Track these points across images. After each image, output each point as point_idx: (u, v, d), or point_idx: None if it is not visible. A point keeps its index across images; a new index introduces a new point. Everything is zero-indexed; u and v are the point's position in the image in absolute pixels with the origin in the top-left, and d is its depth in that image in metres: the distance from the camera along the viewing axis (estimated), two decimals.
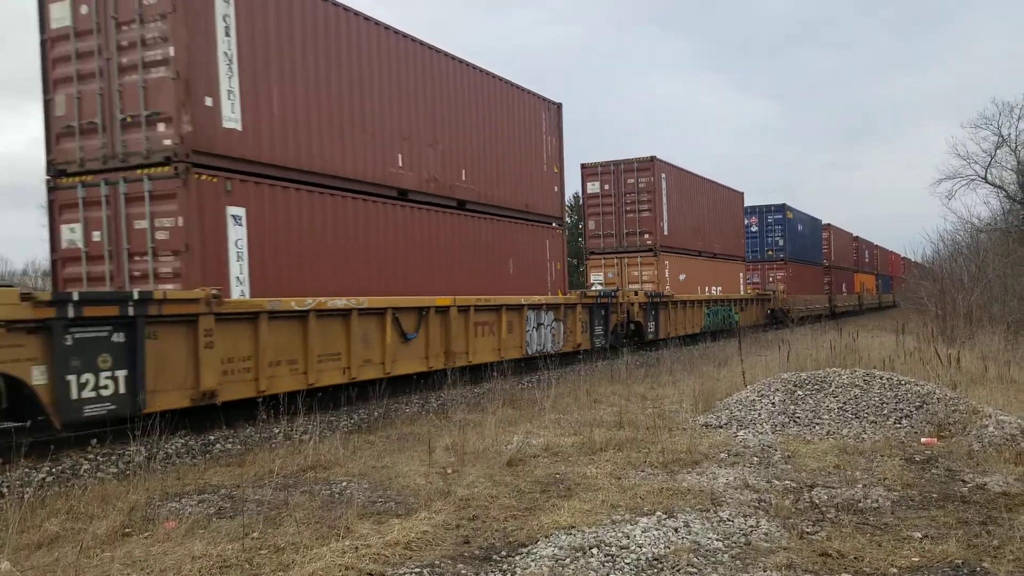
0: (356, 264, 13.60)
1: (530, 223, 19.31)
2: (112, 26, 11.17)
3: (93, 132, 11.38)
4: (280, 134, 12.23)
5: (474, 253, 16.96)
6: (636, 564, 5.29)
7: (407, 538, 5.88)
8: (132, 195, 11.08)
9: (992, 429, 9.09)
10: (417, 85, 15.28)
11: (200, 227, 10.93)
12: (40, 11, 11.63)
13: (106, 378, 8.93)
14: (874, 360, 15.20)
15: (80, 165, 11.49)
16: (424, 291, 14.87)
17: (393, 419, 12.00)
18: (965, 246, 37.83)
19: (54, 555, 5.68)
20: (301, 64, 12.60)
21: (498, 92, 18.03)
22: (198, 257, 10.89)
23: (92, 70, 11.37)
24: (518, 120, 18.80)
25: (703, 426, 10.40)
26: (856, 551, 5.49)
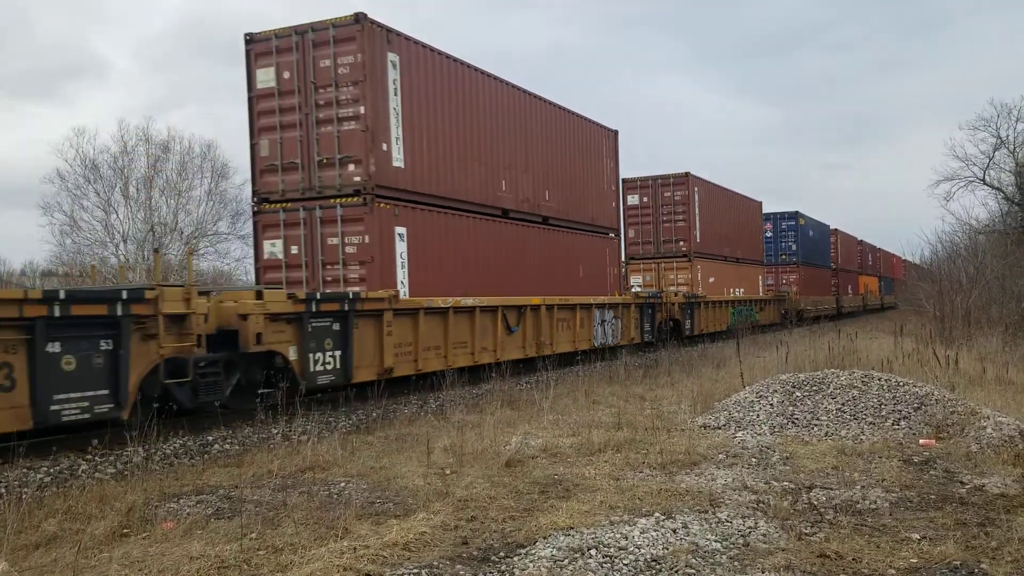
0: (473, 269, 16.75)
1: (594, 234, 22.50)
2: (311, 89, 14.38)
3: (293, 170, 14.62)
4: (427, 169, 15.44)
5: (554, 260, 20.11)
6: (634, 565, 5.29)
7: (405, 539, 5.87)
8: (326, 218, 14.36)
9: (990, 430, 9.10)
10: (514, 122, 18.57)
11: (379, 243, 14.12)
12: (248, 73, 14.89)
13: (329, 356, 12.31)
14: (872, 361, 15.21)
15: (281, 195, 14.76)
16: (518, 292, 17.89)
17: (391, 420, 12.00)
18: (963, 248, 37.86)
19: (52, 555, 5.67)
20: (438, 113, 15.84)
21: (570, 124, 21.21)
22: (377, 265, 14.09)
23: (293, 122, 14.55)
24: (585, 147, 22.01)
25: (701, 427, 10.40)
26: (854, 552, 5.49)
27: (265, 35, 14.67)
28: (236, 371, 11.23)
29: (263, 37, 14.69)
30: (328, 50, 14.14)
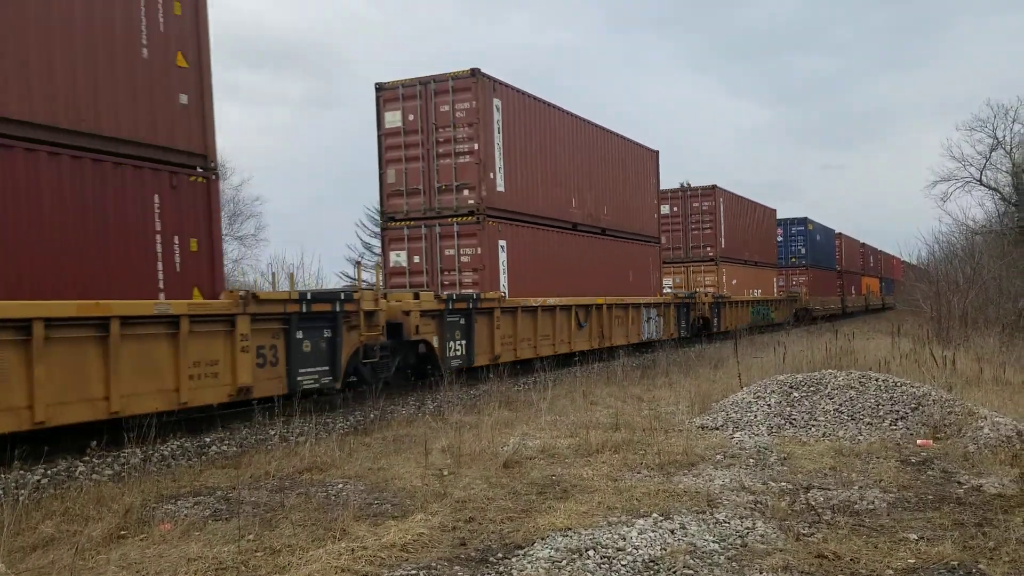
0: (551, 274, 20.20)
1: (641, 242, 25.88)
2: (432, 128, 17.97)
3: (416, 194, 18.26)
4: (519, 192, 19.04)
5: (610, 265, 23.59)
6: (632, 566, 5.29)
7: (403, 540, 5.87)
8: (444, 234, 17.99)
9: (988, 431, 9.11)
10: (580, 148, 22.10)
11: (488, 253, 17.77)
12: (377, 115, 18.42)
13: (458, 344, 15.74)
14: (870, 362, 15.22)
15: (405, 215, 18.37)
16: (582, 293, 21.10)
17: (389, 421, 12.00)
18: (960, 248, 37.92)
19: (49, 557, 5.66)
20: (526, 144, 19.31)
21: (621, 146, 24.72)
22: (487, 272, 17.73)
23: (416, 155, 18.13)
24: (632, 166, 25.46)
25: (699, 428, 10.41)
26: (852, 553, 5.50)
27: (392, 84, 18.26)
28: (398, 355, 14.38)
29: (391, 86, 18.27)
30: (447, 97, 17.75)
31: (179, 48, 11.10)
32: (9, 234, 9.06)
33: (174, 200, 10.79)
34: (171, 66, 11.01)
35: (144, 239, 10.43)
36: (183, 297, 10.55)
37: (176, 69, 11.09)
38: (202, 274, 11.16)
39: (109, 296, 9.65)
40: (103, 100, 10.07)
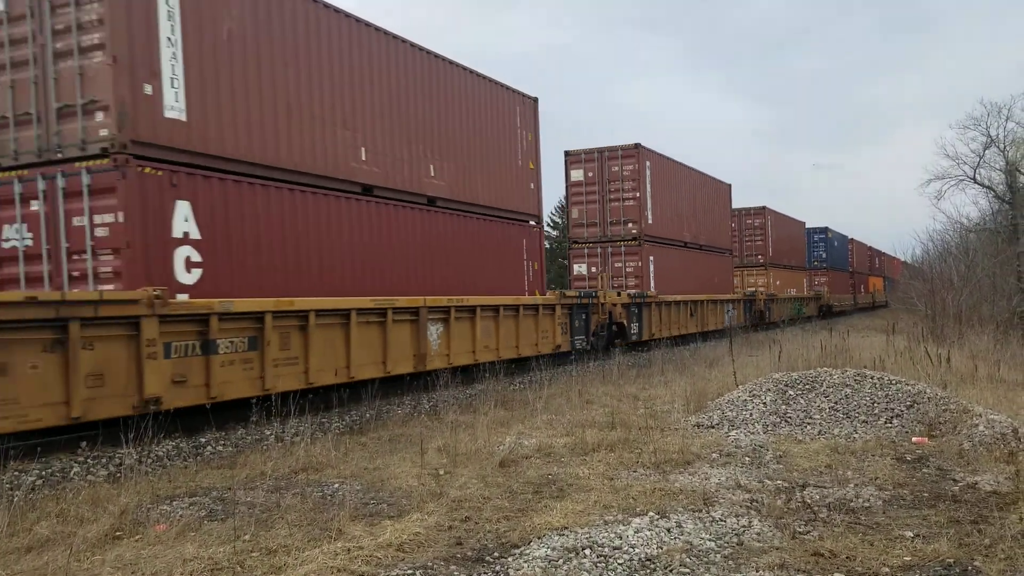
0: (677, 278, 28.79)
1: (720, 253, 33.88)
2: (606, 181, 26.29)
3: (593, 225, 26.52)
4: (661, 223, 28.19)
5: (705, 271, 31.75)
6: (629, 565, 5.29)
7: (399, 540, 5.86)
8: (614, 252, 26.47)
9: (983, 428, 9.13)
10: (689, 189, 31.43)
11: (643, 265, 26.40)
12: (565, 172, 26.68)
13: (635, 325, 23.59)
14: (865, 360, 15.25)
15: (585, 239, 26.70)
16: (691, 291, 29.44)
17: (385, 420, 11.98)
18: (954, 246, 38.01)
19: (44, 559, 5.64)
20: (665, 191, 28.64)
21: (708, 183, 33.02)
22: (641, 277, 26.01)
23: (594, 199, 26.41)
24: (714, 197, 33.01)
25: (695, 426, 10.41)
26: (848, 550, 5.50)
27: (576, 152, 26.60)
28: (608, 329, 21.89)
29: (575, 152, 26.61)
30: (617, 162, 26.14)
31: (529, 159, 20.46)
32: (462, 260, 17.20)
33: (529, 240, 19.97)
34: (526, 168, 20.26)
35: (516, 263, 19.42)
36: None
37: (528, 170, 20.34)
38: (538, 283, 20.24)
39: (500, 293, 17.81)
40: (503, 188, 19.00)
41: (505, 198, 19.04)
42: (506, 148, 19.25)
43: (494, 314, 16.27)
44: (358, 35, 14.49)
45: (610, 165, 26.16)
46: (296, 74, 13.04)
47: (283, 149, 12.73)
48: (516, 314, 17.02)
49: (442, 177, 16.69)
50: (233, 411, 11.70)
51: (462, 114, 17.54)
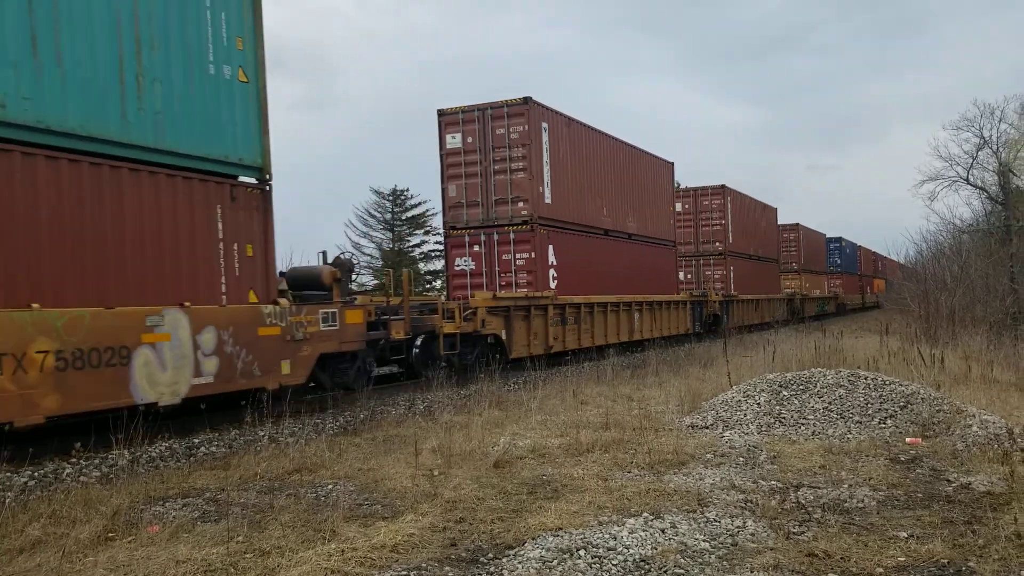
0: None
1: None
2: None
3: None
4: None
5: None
6: (623, 565, 5.28)
7: (393, 541, 5.85)
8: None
9: (976, 429, 9.14)
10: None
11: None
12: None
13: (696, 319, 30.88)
14: (858, 360, 15.28)
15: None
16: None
17: (379, 421, 11.96)
18: (948, 247, 38.09)
19: (36, 560, 5.62)
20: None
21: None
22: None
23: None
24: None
25: (689, 427, 10.41)
26: (842, 551, 5.51)
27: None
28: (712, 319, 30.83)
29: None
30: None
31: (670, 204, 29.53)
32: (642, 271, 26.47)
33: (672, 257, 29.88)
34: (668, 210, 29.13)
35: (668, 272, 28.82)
36: None
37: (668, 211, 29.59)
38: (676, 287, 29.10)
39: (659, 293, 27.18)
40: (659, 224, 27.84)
41: (660, 231, 28.25)
42: (661, 200, 28.54)
43: (661, 306, 27.31)
44: (599, 140, 23.62)
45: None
46: (583, 169, 22.48)
47: (582, 212, 22.38)
48: (671, 307, 28.14)
49: (634, 221, 25.94)
50: (227, 411, 11.68)
51: (638, 178, 26.41)
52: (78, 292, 9.21)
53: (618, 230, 24.81)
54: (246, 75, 11.48)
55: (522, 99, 19.65)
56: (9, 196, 8.62)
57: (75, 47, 9.27)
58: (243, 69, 11.44)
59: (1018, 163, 33.89)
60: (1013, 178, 33.79)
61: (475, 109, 19.92)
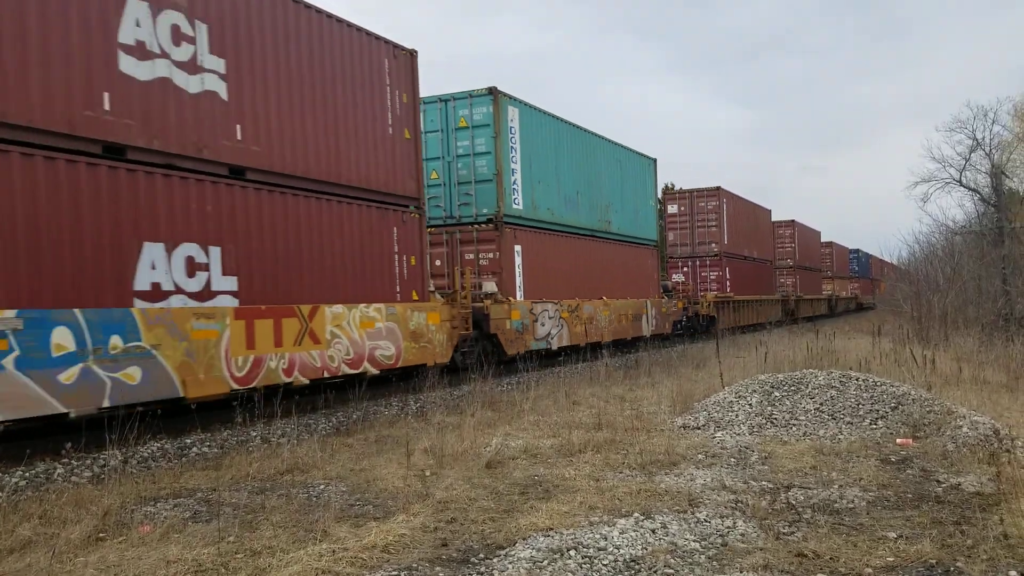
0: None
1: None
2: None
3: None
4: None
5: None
6: (613, 565, 5.29)
7: (385, 541, 5.85)
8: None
9: (966, 430, 9.18)
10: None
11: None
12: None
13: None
14: (850, 362, 15.32)
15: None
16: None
17: (372, 421, 11.96)
18: (940, 248, 38.20)
19: (26, 560, 5.61)
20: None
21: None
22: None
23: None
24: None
25: (681, 427, 10.44)
26: (832, 551, 5.53)
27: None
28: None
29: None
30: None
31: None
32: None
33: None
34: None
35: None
36: None
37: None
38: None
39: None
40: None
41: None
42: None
43: None
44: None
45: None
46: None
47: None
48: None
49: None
50: (218, 412, 11.67)
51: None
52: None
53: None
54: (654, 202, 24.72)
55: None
56: None
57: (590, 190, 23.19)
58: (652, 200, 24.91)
59: (1011, 165, 34.03)
60: (1006, 180, 33.89)
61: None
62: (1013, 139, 34.00)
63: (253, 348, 11.44)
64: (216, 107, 11.23)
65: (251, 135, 11.73)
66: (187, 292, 10.65)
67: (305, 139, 12.70)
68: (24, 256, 8.81)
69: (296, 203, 12.50)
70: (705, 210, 35.16)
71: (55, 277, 9.09)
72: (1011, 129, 34.07)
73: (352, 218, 13.71)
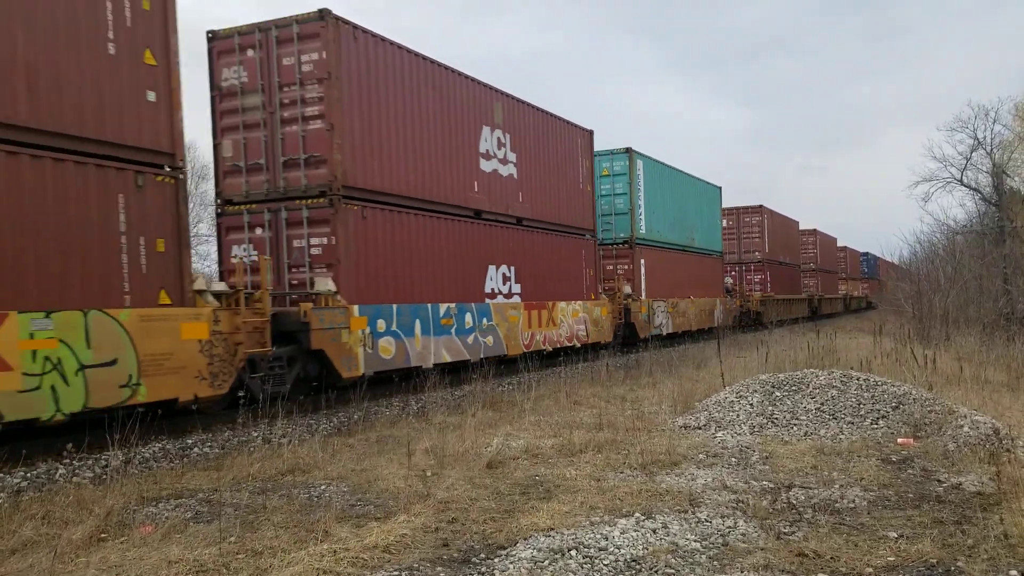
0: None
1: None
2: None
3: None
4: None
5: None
6: (614, 565, 5.30)
7: (386, 541, 5.86)
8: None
9: (967, 429, 9.18)
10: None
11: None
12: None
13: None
14: (851, 361, 15.32)
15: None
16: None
17: (373, 422, 11.97)
18: (941, 248, 38.20)
19: (28, 561, 5.62)
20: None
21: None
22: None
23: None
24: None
25: (682, 427, 10.44)
26: (833, 551, 5.53)
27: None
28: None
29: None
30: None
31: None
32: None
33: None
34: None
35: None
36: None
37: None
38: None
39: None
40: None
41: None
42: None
43: None
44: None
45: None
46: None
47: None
48: None
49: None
50: (217, 413, 11.68)
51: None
52: None
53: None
54: None
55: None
56: None
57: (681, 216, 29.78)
58: None
59: (1012, 164, 34.00)
60: (1007, 179, 33.87)
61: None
62: (1014, 138, 33.98)
63: (530, 327, 19.13)
64: (512, 184, 19.06)
65: (527, 198, 19.65)
66: (503, 293, 18.46)
67: (546, 196, 20.53)
68: (449, 276, 16.50)
69: (544, 238, 20.42)
70: (750, 224, 42.48)
71: (459, 285, 16.81)
72: (1012, 128, 34.05)
73: (562, 244, 21.24)
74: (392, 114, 15.04)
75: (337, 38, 13.69)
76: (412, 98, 15.63)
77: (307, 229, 13.78)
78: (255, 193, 14.18)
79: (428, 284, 15.95)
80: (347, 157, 13.87)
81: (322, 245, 13.72)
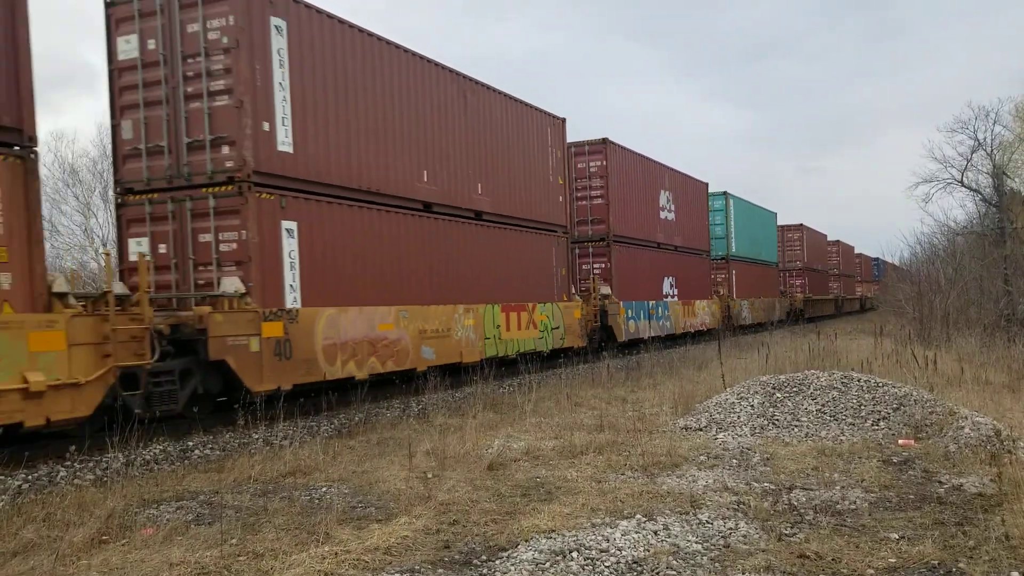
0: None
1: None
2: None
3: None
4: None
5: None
6: (616, 567, 5.30)
7: (387, 543, 5.86)
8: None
9: (968, 431, 9.17)
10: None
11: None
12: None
13: None
14: (852, 362, 15.31)
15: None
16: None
17: (374, 424, 11.97)
18: (942, 249, 38.17)
19: (30, 563, 5.63)
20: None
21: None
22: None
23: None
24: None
25: (683, 429, 10.44)
26: (834, 552, 5.53)
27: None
28: None
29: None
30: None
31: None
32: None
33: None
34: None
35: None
36: None
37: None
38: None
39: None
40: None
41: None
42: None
43: None
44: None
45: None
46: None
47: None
48: None
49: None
50: (217, 413, 11.68)
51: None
52: None
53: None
54: None
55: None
56: None
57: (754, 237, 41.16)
58: None
59: (1012, 165, 33.99)
60: (1007, 180, 33.86)
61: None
62: (1014, 139, 33.96)
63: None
64: (671, 224, 28.99)
65: (683, 237, 30.24)
66: (671, 295, 28.58)
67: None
68: (644, 286, 26.51)
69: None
70: (792, 239, 52.04)
71: (647, 288, 26.45)
72: (1012, 129, 34.03)
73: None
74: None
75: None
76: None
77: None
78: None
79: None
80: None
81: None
